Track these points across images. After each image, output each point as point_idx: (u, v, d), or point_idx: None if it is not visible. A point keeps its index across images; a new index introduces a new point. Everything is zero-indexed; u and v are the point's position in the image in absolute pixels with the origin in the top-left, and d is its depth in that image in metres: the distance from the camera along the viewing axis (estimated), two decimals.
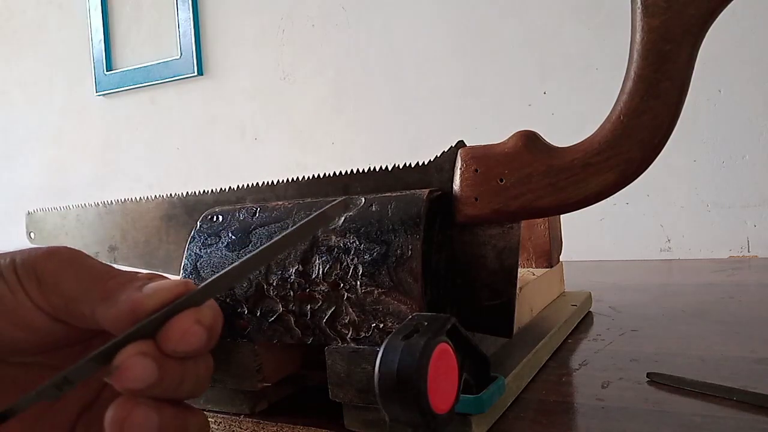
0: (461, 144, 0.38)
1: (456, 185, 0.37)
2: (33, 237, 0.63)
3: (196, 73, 1.52)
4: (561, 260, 0.62)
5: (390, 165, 0.40)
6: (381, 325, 0.32)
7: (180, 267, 0.40)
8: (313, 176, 0.43)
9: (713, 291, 0.67)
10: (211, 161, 1.54)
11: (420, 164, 0.39)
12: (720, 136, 1.03)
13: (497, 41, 1.19)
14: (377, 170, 0.41)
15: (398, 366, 0.25)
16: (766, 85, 1.00)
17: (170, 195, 0.50)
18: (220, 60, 1.51)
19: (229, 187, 0.47)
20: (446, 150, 0.38)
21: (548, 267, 0.58)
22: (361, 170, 0.41)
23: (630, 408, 0.35)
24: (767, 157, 1.00)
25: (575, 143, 0.35)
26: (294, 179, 0.44)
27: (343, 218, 0.36)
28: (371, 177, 0.41)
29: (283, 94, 1.43)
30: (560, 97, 1.14)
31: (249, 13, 1.46)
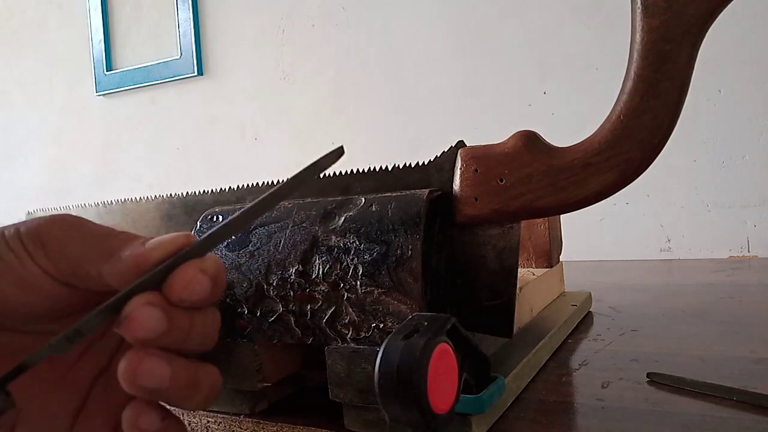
0: (461, 144, 0.38)
1: (456, 185, 0.37)
2: None
3: (196, 73, 1.52)
4: (561, 260, 0.62)
5: (390, 165, 0.40)
6: (381, 325, 0.32)
7: None
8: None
9: (713, 291, 0.67)
10: (211, 161, 1.54)
11: (420, 164, 0.39)
12: (720, 136, 1.03)
13: (497, 41, 1.19)
14: (377, 170, 0.41)
15: (398, 366, 0.25)
16: (766, 85, 1.00)
17: (170, 195, 0.50)
18: (220, 60, 1.51)
19: (229, 187, 0.47)
20: (446, 150, 0.38)
21: (548, 267, 0.58)
22: (361, 170, 0.41)
23: (630, 408, 0.35)
24: (767, 157, 1.01)
25: (575, 143, 0.35)
26: None
27: (343, 218, 0.36)
28: (371, 177, 0.41)
29: (283, 94, 1.43)
30: (560, 97, 1.14)
31: (249, 13, 1.46)
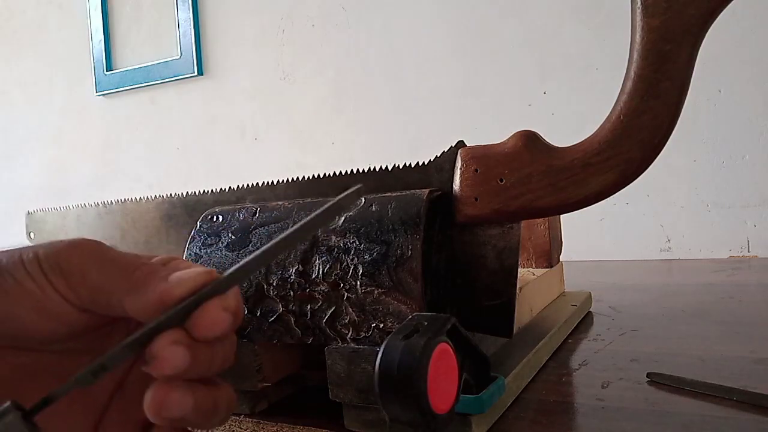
0: (461, 144, 0.38)
1: (456, 185, 0.37)
2: (33, 237, 0.63)
3: (196, 73, 1.52)
4: (561, 260, 0.62)
5: (390, 165, 0.40)
6: (381, 325, 0.32)
7: None
8: (313, 176, 0.43)
9: (713, 291, 0.67)
10: (211, 161, 1.54)
11: (420, 164, 0.39)
12: (720, 136, 1.03)
13: (497, 41, 1.19)
14: (377, 170, 0.41)
15: (398, 366, 0.25)
16: (766, 85, 1.00)
17: (170, 195, 0.50)
18: (220, 60, 1.51)
19: (229, 187, 0.47)
20: (446, 150, 0.38)
21: (548, 267, 0.58)
22: (361, 170, 0.41)
23: (630, 408, 0.35)
24: (767, 157, 1.01)
25: (575, 143, 0.35)
26: (294, 179, 0.44)
27: (343, 218, 0.36)
28: (371, 177, 0.41)
29: (283, 94, 1.43)
30: (560, 97, 1.14)
31: (249, 13, 1.46)
